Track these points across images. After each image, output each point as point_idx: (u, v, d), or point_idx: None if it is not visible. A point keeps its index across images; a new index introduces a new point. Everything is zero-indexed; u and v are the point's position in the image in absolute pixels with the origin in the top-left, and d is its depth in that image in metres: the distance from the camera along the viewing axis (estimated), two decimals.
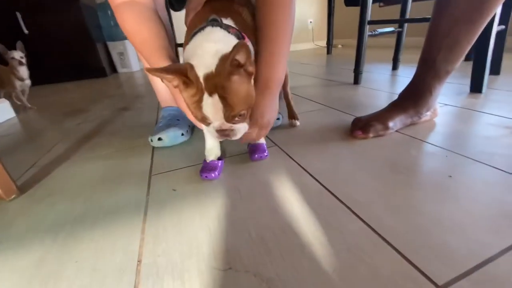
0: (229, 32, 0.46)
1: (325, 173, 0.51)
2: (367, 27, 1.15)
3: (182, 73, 0.40)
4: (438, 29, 0.61)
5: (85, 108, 1.38)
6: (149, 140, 0.71)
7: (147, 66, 0.53)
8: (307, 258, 0.33)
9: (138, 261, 0.35)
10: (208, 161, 0.55)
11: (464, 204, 0.40)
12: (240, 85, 0.42)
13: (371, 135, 0.64)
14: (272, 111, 0.53)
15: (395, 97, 1.00)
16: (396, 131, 0.67)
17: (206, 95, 0.40)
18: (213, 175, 0.52)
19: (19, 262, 0.38)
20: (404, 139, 0.63)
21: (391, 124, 0.65)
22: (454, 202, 0.40)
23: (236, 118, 0.43)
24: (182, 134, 0.71)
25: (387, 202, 0.41)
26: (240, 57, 0.40)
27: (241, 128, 0.46)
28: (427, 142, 0.60)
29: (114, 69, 3.01)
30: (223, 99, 0.40)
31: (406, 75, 1.35)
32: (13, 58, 1.43)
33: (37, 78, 2.08)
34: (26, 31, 2.40)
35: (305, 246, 0.35)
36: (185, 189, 0.51)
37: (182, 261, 0.35)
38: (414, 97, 0.67)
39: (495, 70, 1.13)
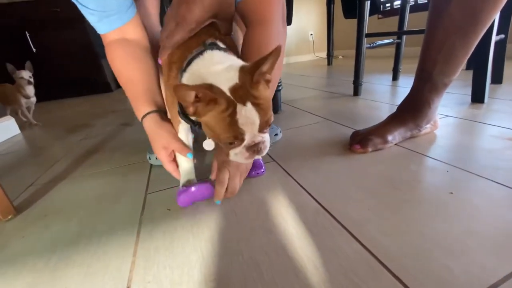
0: (227, 53, 0.45)
1: (322, 190, 0.50)
2: (365, 40, 1.15)
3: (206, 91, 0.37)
4: (433, 42, 0.61)
5: (88, 123, 1.41)
6: (147, 157, 0.71)
7: None
8: (301, 283, 0.32)
9: None
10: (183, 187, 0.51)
11: (465, 223, 0.38)
12: (266, 91, 0.41)
13: (369, 149, 0.63)
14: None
15: (395, 108, 1.00)
16: (396, 144, 0.66)
17: (239, 106, 0.37)
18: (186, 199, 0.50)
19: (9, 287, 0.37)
20: (403, 153, 0.61)
21: (390, 137, 0.64)
22: (455, 221, 0.39)
23: (267, 127, 0.41)
24: None
25: (385, 221, 0.40)
26: (265, 67, 0.39)
27: (267, 141, 0.43)
28: (427, 156, 0.59)
29: (119, 84, 3.07)
30: (257, 106, 0.38)
31: (406, 85, 1.34)
32: (22, 78, 1.48)
33: (43, 94, 2.14)
34: (34, 50, 2.48)
35: (299, 269, 0.34)
36: (179, 208, 0.50)
37: None
38: (412, 110, 0.66)
39: (497, 79, 1.12)
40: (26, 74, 1.49)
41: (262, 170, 0.58)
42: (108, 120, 1.43)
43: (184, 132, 0.52)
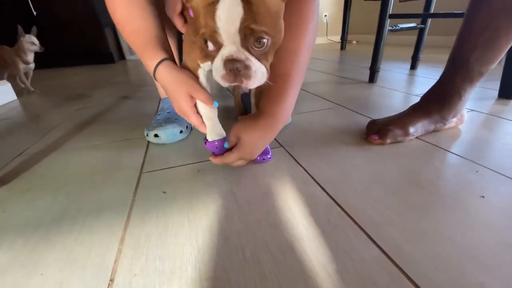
0: None
1: (336, 182, 0.45)
2: (388, 21, 1.06)
3: None
4: (474, 25, 0.53)
5: (87, 93, 1.34)
6: (145, 134, 0.66)
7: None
8: None
9: (111, 281, 0.30)
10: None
11: (500, 233, 0.33)
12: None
13: (388, 140, 0.57)
14: (263, 146, 0.49)
15: (414, 98, 0.93)
16: (417, 137, 0.60)
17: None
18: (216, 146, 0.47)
19: None
20: (426, 148, 0.56)
21: (411, 129, 0.58)
22: (489, 230, 0.33)
23: (256, 45, 0.33)
24: (181, 132, 0.66)
25: (408, 224, 0.35)
26: None
27: (258, 70, 0.34)
28: (453, 153, 0.53)
29: (122, 56, 2.97)
30: (247, 3, 0.30)
31: (425, 75, 1.26)
32: (32, 43, 1.40)
33: (42, 61, 2.05)
34: (34, 13, 2.36)
35: (309, 274, 0.29)
36: (176, 191, 0.46)
37: (161, 285, 0.29)
38: (440, 101, 0.59)
39: None
40: (36, 41, 1.42)
41: (269, 156, 0.53)
42: (107, 91, 1.36)
43: (204, 78, 0.45)
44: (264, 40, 0.33)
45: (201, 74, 0.45)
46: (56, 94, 1.41)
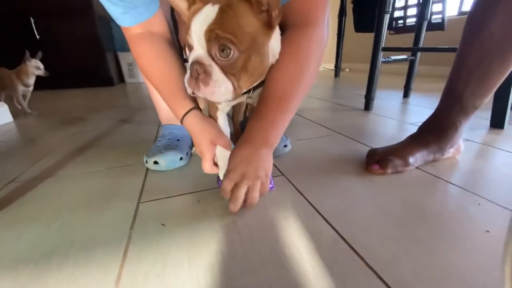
0: None
1: (340, 215, 0.44)
2: (381, 53, 1.11)
3: None
4: (467, 60, 0.56)
5: (85, 117, 1.34)
6: (144, 161, 0.65)
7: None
8: None
9: None
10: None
11: None
12: (248, 17, 0.35)
13: (389, 170, 0.57)
14: (254, 168, 0.43)
15: (409, 126, 0.95)
16: (416, 167, 0.60)
17: (208, 6, 0.34)
18: None
19: None
20: (427, 178, 0.56)
21: (411, 159, 0.59)
22: (498, 268, 0.33)
23: (220, 53, 0.34)
24: (181, 159, 0.65)
25: (418, 262, 0.34)
26: None
27: (220, 82, 0.35)
28: (454, 184, 0.53)
29: (122, 79, 3.02)
30: (220, 11, 0.33)
31: (418, 103, 1.30)
32: (37, 67, 1.43)
33: (42, 83, 2.07)
34: (38, 37, 2.43)
35: None
36: (175, 224, 0.44)
37: None
38: (437, 132, 0.61)
39: None
40: (42, 65, 1.45)
41: (271, 186, 0.52)
42: (106, 115, 1.36)
43: (223, 121, 0.53)
44: (228, 50, 0.34)
45: (220, 116, 0.51)
46: (54, 116, 1.40)
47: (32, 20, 2.37)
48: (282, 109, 0.46)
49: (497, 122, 0.89)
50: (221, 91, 0.36)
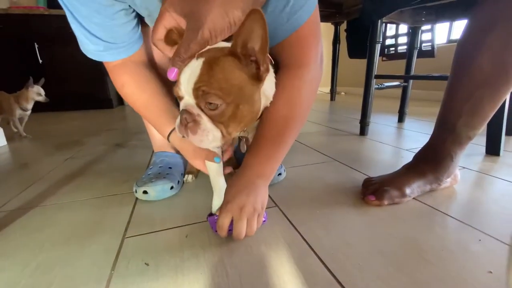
0: None
1: (335, 253, 0.42)
2: (374, 80, 1.14)
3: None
4: (458, 92, 0.56)
5: (80, 140, 1.33)
6: (134, 190, 0.63)
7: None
8: None
9: None
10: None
11: None
12: (234, 71, 0.35)
13: (385, 202, 0.56)
14: (252, 198, 0.43)
15: (405, 153, 0.95)
16: (413, 198, 0.59)
17: (193, 60, 0.35)
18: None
19: None
20: (425, 211, 0.54)
21: (408, 190, 0.57)
22: None
23: (208, 106, 0.35)
24: (172, 188, 0.63)
25: None
26: (255, 43, 0.34)
27: (208, 131, 0.36)
28: (452, 217, 0.51)
29: (121, 101, 3.06)
30: (205, 66, 0.34)
31: (413, 128, 1.31)
32: (39, 94, 1.46)
33: (43, 105, 2.08)
34: (40, 61, 2.49)
35: None
36: (160, 263, 0.41)
37: None
38: (433, 162, 0.60)
39: (508, 131, 1.08)
40: (43, 92, 1.48)
41: (264, 219, 0.50)
42: (101, 138, 1.36)
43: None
44: (215, 103, 0.35)
45: None
46: (49, 140, 1.39)
47: (36, 46, 2.44)
48: (277, 145, 0.48)
49: (492, 149, 0.89)
50: (209, 139, 0.37)
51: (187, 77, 0.34)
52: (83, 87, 2.69)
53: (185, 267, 0.40)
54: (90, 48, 0.49)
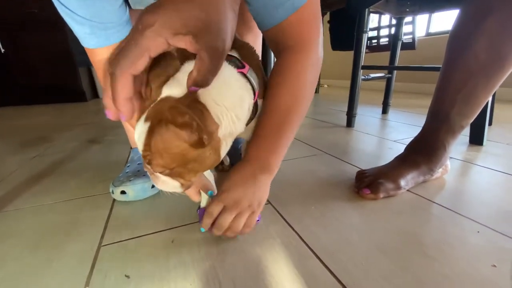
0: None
1: (335, 252, 0.39)
2: (361, 71, 1.12)
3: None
4: (452, 81, 0.55)
5: (49, 136, 1.22)
6: (110, 190, 0.57)
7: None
8: None
9: None
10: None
11: None
12: (173, 141, 0.31)
13: (381, 195, 0.54)
14: (250, 193, 0.40)
15: (393, 144, 0.95)
16: (407, 190, 0.58)
17: (141, 120, 0.32)
18: None
19: None
20: (420, 203, 0.53)
21: (402, 182, 0.56)
22: None
23: (155, 169, 0.34)
24: (153, 186, 0.58)
25: None
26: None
27: (168, 183, 0.36)
28: (449, 209, 0.50)
29: (96, 94, 2.88)
30: (149, 134, 0.31)
31: (397, 119, 1.32)
32: None
33: (8, 99, 1.91)
34: (2, 50, 2.26)
35: None
36: (143, 274, 0.36)
37: None
38: (426, 152, 0.59)
39: (491, 120, 1.12)
40: None
41: (258, 218, 0.46)
42: (73, 134, 1.25)
43: None
44: (162, 171, 0.34)
45: None
46: (14, 137, 1.26)
47: None
48: (282, 136, 0.44)
49: (476, 139, 0.90)
50: (170, 187, 0.37)
51: (137, 139, 0.33)
52: (53, 79, 2.49)
53: (171, 278, 0.36)
54: (76, 30, 0.42)
